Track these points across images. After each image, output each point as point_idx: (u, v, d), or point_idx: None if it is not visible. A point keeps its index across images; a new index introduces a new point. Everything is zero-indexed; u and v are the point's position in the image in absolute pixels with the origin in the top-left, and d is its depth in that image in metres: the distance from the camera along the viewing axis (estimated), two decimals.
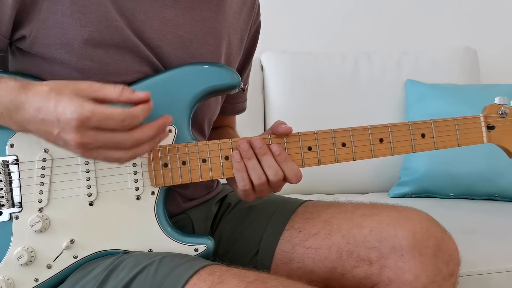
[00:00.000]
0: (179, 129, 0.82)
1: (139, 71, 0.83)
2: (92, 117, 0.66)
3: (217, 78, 0.84)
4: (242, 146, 0.82)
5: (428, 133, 0.88)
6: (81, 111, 0.66)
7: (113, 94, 0.69)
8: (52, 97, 0.68)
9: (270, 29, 1.34)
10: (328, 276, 0.87)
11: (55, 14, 0.77)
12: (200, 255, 0.81)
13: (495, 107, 0.91)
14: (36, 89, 0.70)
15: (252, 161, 0.81)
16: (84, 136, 0.67)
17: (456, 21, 2.18)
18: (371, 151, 0.86)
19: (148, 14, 0.83)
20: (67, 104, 0.67)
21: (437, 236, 0.84)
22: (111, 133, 0.68)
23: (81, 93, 0.68)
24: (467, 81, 1.89)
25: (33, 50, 0.79)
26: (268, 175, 0.81)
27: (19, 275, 0.79)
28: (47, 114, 0.68)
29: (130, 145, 0.70)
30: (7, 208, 0.79)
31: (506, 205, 1.60)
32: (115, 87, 0.70)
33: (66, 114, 0.66)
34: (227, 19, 0.93)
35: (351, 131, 0.86)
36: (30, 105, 0.69)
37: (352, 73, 1.88)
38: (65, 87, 0.69)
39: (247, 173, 0.82)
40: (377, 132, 0.86)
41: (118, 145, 0.69)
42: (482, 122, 0.90)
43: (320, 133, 0.85)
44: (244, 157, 0.82)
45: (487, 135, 0.90)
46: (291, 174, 0.82)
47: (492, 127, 0.90)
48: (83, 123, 0.66)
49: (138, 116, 0.69)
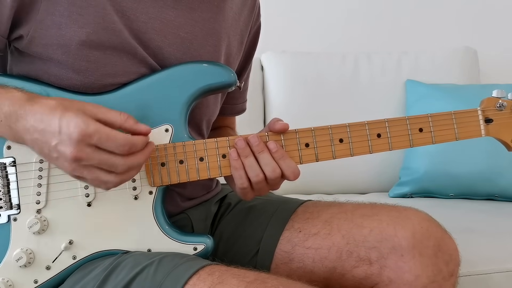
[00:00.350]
0: (176, 128, 0.82)
1: (136, 73, 0.83)
2: (95, 135, 0.68)
3: (213, 76, 0.83)
4: (239, 144, 0.82)
5: (425, 128, 0.87)
6: (86, 127, 0.68)
7: (118, 120, 0.72)
8: (58, 111, 0.70)
9: (270, 29, 1.34)
10: (328, 276, 0.87)
11: (53, 15, 0.77)
12: (199, 254, 0.81)
13: (492, 100, 0.90)
14: (43, 102, 0.72)
15: (249, 159, 0.81)
16: (81, 152, 0.68)
17: (456, 21, 2.18)
18: (369, 147, 0.86)
19: (150, 15, 0.83)
20: (73, 117, 0.68)
21: (437, 236, 0.84)
22: (108, 155, 0.70)
23: (87, 112, 0.70)
24: (467, 81, 1.89)
25: (30, 50, 0.79)
26: (266, 173, 0.81)
27: (18, 277, 0.79)
28: (49, 125, 0.69)
29: (122, 170, 0.71)
30: (5, 210, 0.79)
31: (506, 205, 1.59)
32: (121, 114, 0.72)
33: (70, 127, 0.68)
34: (227, 20, 0.93)
35: (348, 127, 0.85)
36: (33, 115, 0.70)
37: (352, 73, 1.88)
38: (72, 104, 0.71)
39: (244, 171, 0.81)
40: (375, 128, 0.86)
41: (111, 167, 0.70)
42: (480, 116, 0.89)
43: (317, 130, 0.85)
44: (241, 155, 0.81)
45: (485, 129, 0.89)
46: (288, 171, 0.82)
47: (490, 121, 0.89)
48: (84, 139, 0.68)
49: (138, 145, 0.72)
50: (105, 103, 0.80)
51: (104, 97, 0.81)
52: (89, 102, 0.74)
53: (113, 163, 0.70)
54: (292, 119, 0.89)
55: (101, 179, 0.71)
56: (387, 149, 0.86)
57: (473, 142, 1.61)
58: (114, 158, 0.70)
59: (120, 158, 0.70)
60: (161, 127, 0.82)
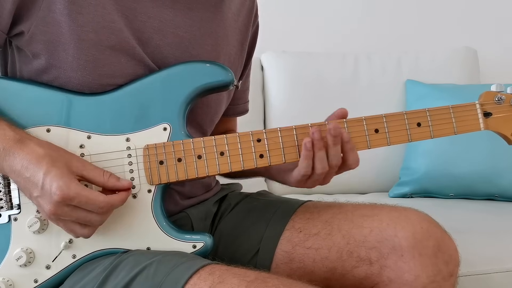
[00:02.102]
0: (174, 126, 0.82)
1: (133, 74, 0.83)
2: (75, 198, 0.71)
3: (210, 75, 0.83)
4: (316, 135, 0.81)
5: (423, 122, 0.86)
6: (67, 191, 0.70)
7: (100, 179, 0.76)
8: (44, 164, 0.72)
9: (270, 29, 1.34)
10: (328, 276, 0.87)
11: (53, 12, 0.78)
12: (198, 252, 0.81)
13: (491, 94, 0.89)
14: (32, 148, 0.73)
15: (321, 152, 0.82)
16: (59, 210, 0.72)
17: (456, 21, 2.18)
18: (367, 142, 0.85)
19: (149, 14, 0.83)
20: (56, 178, 0.71)
21: (437, 236, 0.84)
22: (85, 213, 0.73)
23: (72, 169, 0.73)
24: (467, 81, 1.89)
25: (30, 47, 0.80)
26: (330, 162, 0.82)
27: (19, 276, 0.79)
28: (34, 176, 0.72)
29: (97, 225, 0.76)
30: (6, 210, 0.79)
31: (506, 205, 1.59)
32: (104, 173, 0.76)
33: (52, 187, 0.70)
34: (226, 20, 0.94)
35: (345, 123, 0.85)
36: (20, 160, 0.73)
37: (352, 73, 1.88)
38: (59, 157, 0.74)
39: (313, 161, 0.82)
40: (372, 123, 0.86)
41: (87, 223, 0.74)
42: (478, 109, 0.88)
43: (314, 126, 0.84)
44: (316, 146, 0.81)
45: (484, 122, 0.88)
46: (353, 161, 0.83)
47: (489, 114, 0.88)
48: (64, 201, 0.71)
49: (116, 205, 0.76)
50: (104, 103, 0.81)
51: (102, 97, 0.81)
52: (76, 157, 0.77)
53: (90, 220, 0.74)
54: (292, 119, 0.89)
55: (77, 232, 0.75)
56: (385, 144, 0.86)
57: (473, 142, 1.63)
58: (91, 215, 0.73)
59: (96, 216, 0.74)
60: (159, 126, 0.82)
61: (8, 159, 0.73)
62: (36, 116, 0.80)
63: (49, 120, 0.80)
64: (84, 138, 0.80)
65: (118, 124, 0.81)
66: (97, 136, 0.80)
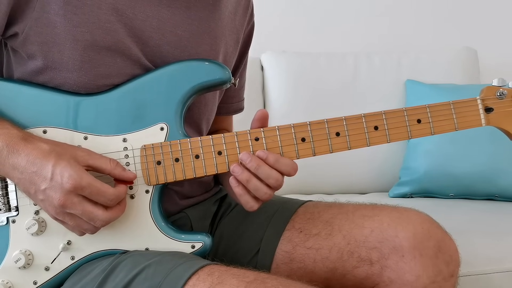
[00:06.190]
0: (171, 126, 0.81)
1: (129, 74, 0.82)
2: (86, 188, 0.71)
3: (207, 73, 0.83)
4: (236, 170, 0.79)
5: (424, 118, 0.85)
6: (79, 180, 0.71)
7: (107, 166, 0.76)
8: (52, 157, 0.72)
9: (270, 29, 1.34)
10: (329, 276, 0.87)
11: (48, 13, 0.77)
12: (197, 252, 0.80)
13: (492, 89, 0.86)
14: (37, 145, 0.74)
15: (252, 182, 0.79)
16: (69, 200, 0.71)
17: (456, 21, 2.18)
18: (366, 139, 0.84)
19: (148, 13, 0.83)
20: (67, 168, 0.71)
21: (437, 237, 0.84)
22: (92, 207, 0.73)
23: (79, 159, 0.74)
24: (467, 81, 1.89)
25: (25, 48, 0.79)
26: (270, 185, 0.79)
27: (18, 278, 0.79)
28: (42, 170, 0.72)
29: (101, 224, 0.75)
30: (4, 212, 0.79)
31: (506, 205, 1.59)
32: (111, 161, 0.76)
33: (64, 177, 0.71)
34: (223, 19, 0.93)
35: (344, 120, 0.84)
36: (26, 155, 0.73)
37: (352, 73, 1.88)
38: (65, 151, 0.74)
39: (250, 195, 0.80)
40: (372, 120, 0.84)
41: (91, 220, 0.73)
42: (480, 105, 0.86)
43: (313, 124, 0.83)
44: (242, 180, 0.79)
45: (486, 118, 0.86)
46: (288, 170, 0.80)
47: (490, 109, 0.86)
48: (76, 190, 0.71)
49: (122, 197, 0.76)
50: (100, 104, 0.81)
51: (99, 97, 0.81)
52: (81, 148, 0.77)
53: (94, 217, 0.73)
54: (292, 119, 0.89)
55: (82, 227, 0.75)
56: (385, 142, 0.84)
57: (473, 142, 1.63)
58: (97, 211, 0.73)
59: (101, 212, 0.73)
60: (156, 126, 0.81)
61: (11, 157, 0.73)
62: (32, 117, 0.80)
63: (45, 121, 0.80)
64: (81, 139, 0.80)
65: (114, 124, 0.81)
66: (94, 136, 0.80)
